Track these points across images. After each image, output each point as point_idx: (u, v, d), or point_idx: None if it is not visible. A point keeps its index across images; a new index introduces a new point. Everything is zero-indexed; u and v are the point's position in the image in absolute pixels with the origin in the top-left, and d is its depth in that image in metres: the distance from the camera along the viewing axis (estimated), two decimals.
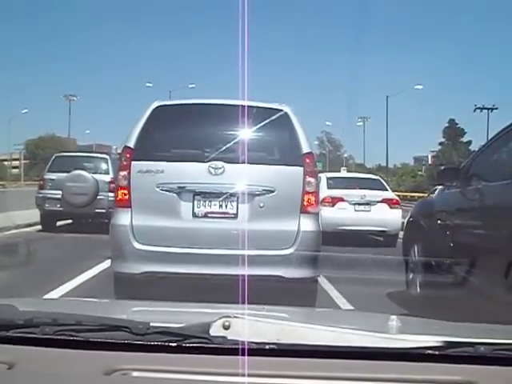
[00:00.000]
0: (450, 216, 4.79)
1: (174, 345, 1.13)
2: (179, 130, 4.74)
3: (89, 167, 11.47)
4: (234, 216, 4.31)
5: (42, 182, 11.55)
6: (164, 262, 4.14)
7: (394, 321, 1.46)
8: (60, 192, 10.85)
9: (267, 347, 1.11)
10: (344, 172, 24.98)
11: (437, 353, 1.11)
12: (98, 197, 10.82)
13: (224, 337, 1.11)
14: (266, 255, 4.16)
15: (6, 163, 58.50)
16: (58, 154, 12.36)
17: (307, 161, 4.38)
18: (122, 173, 4.37)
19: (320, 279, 4.85)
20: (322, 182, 9.83)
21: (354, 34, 63.52)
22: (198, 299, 1.90)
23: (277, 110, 4.54)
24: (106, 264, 5.56)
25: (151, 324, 1.16)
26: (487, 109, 43.01)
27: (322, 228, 4.49)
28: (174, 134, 4.75)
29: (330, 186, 10.68)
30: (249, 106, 4.30)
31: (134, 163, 4.34)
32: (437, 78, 78.64)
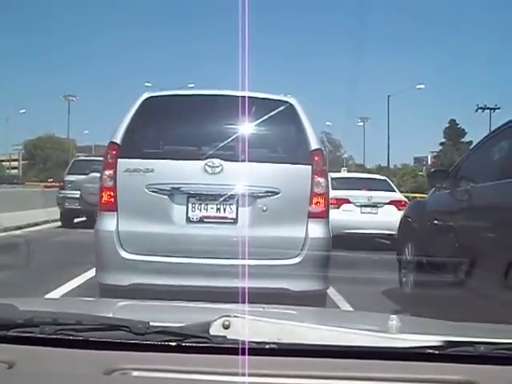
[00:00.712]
0: (440, 216, 5.04)
1: (173, 344, 1.13)
2: (172, 124, 4.29)
3: None
4: (233, 221, 3.87)
5: (62, 184, 13.15)
6: (154, 273, 3.70)
7: (394, 320, 1.46)
8: (78, 192, 11.70)
9: (267, 347, 1.11)
10: (345, 172, 24.71)
11: (437, 352, 1.11)
12: None
13: (224, 336, 1.11)
14: (269, 265, 3.73)
15: (4, 164, 58.53)
16: (77, 158, 14.14)
17: (316, 158, 3.91)
18: (107, 172, 3.91)
19: None
20: None
21: (354, 34, 63.72)
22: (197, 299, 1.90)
23: (281, 102, 4.07)
24: None
25: (151, 323, 1.16)
26: (489, 109, 42.48)
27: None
28: (166, 128, 4.30)
29: (334, 187, 10.08)
30: (250, 98, 3.83)
31: (121, 161, 3.89)
32: (437, 78, 78.48)
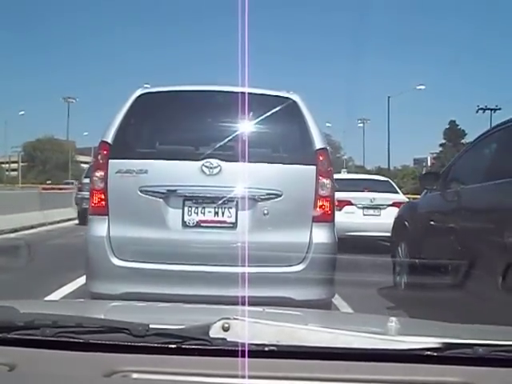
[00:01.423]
0: (431, 217, 5.20)
1: (173, 346, 1.13)
2: (167, 122, 4.03)
3: None
4: (232, 225, 3.64)
5: (80, 186, 14.89)
6: (148, 282, 3.48)
7: (392, 322, 1.47)
8: None
9: (267, 349, 1.11)
10: (345, 174, 24.56)
11: (435, 354, 1.12)
12: None
13: (223, 338, 1.11)
14: (270, 273, 3.52)
15: (4, 166, 58.43)
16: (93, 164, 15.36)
17: (321, 158, 3.70)
18: (98, 173, 3.68)
19: None
20: None
21: (354, 36, 63.83)
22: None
23: (283, 99, 3.85)
24: None
25: (151, 326, 1.16)
26: (490, 109, 42.06)
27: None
28: (160, 126, 4.05)
29: (335, 189, 9.77)
30: (250, 94, 3.57)
31: (112, 162, 3.66)
32: (437, 79, 78.72)
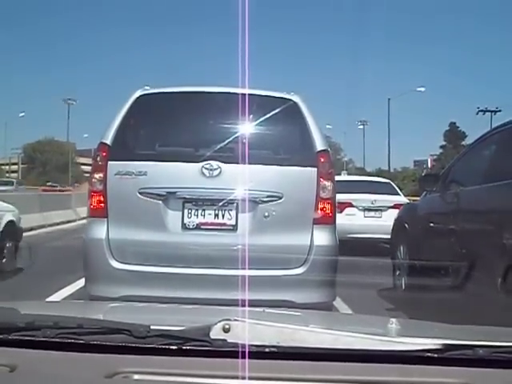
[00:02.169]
0: (430, 219, 5.24)
1: (174, 347, 1.13)
2: (167, 123, 4.01)
3: None
4: (232, 228, 3.62)
5: None
6: (147, 285, 3.44)
7: (393, 324, 1.47)
8: None
9: (267, 350, 1.11)
10: (345, 175, 24.50)
11: (436, 355, 1.12)
12: None
13: (224, 340, 1.11)
14: (271, 276, 3.49)
15: (4, 167, 58.38)
16: None
17: (322, 160, 3.68)
18: (97, 175, 3.66)
19: None
20: None
21: (354, 37, 63.90)
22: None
23: (284, 100, 3.84)
24: None
25: (152, 327, 1.17)
26: (490, 111, 42.02)
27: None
28: (160, 128, 4.01)
29: (336, 191, 9.68)
30: (251, 95, 3.57)
31: (111, 163, 3.64)
32: (437, 80, 78.85)
